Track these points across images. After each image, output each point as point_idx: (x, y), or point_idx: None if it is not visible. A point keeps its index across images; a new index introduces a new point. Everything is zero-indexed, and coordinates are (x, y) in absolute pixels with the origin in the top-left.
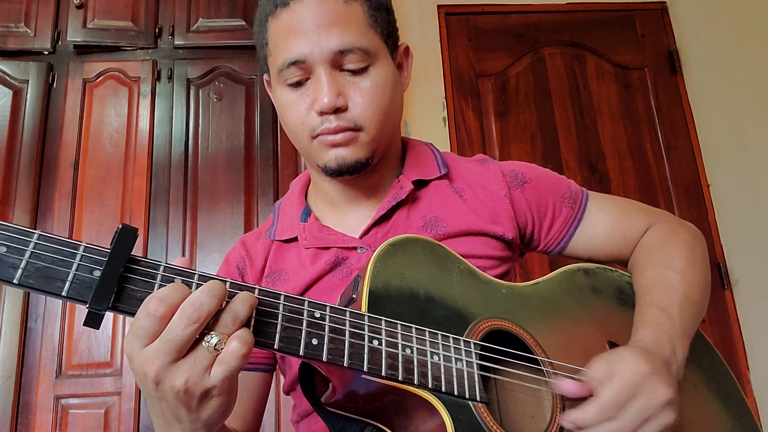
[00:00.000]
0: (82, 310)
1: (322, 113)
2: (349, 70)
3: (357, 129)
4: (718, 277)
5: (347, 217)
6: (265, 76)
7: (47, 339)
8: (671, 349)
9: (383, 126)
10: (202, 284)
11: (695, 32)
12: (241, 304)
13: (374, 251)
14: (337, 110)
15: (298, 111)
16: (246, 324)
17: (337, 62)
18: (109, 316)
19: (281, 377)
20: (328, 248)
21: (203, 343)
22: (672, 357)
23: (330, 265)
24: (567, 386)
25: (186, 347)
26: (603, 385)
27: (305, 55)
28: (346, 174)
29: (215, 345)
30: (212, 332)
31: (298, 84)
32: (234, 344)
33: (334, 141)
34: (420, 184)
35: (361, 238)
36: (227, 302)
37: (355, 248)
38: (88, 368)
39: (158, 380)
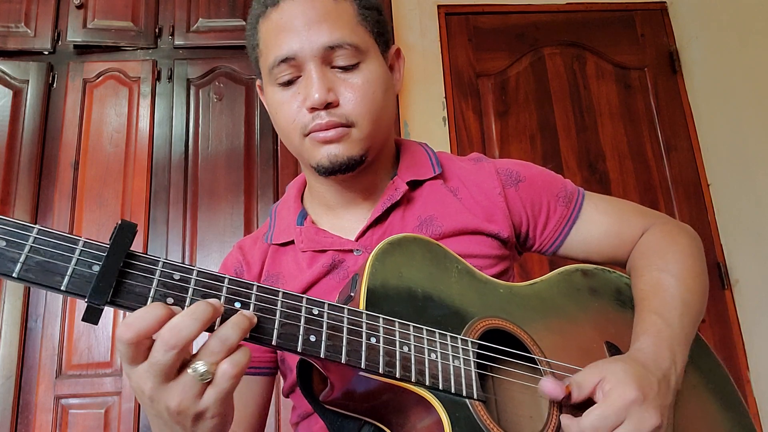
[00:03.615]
0: (81, 310)
1: (313, 109)
2: (339, 67)
3: (349, 125)
4: (718, 277)
5: (343, 219)
6: (258, 82)
7: (47, 339)
8: (671, 358)
9: (376, 123)
10: (197, 299)
11: (695, 32)
12: (232, 329)
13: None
14: (328, 105)
15: (289, 109)
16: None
17: (327, 58)
18: (109, 315)
19: (281, 380)
20: (324, 251)
21: (189, 370)
22: (671, 368)
23: (327, 268)
24: (545, 386)
25: (171, 371)
26: (583, 390)
27: (295, 51)
28: (339, 173)
29: (201, 374)
30: (199, 360)
31: (289, 83)
32: (225, 366)
33: (326, 137)
34: (415, 185)
35: (357, 240)
36: (220, 323)
37: (351, 251)
38: (88, 368)
39: (153, 398)
